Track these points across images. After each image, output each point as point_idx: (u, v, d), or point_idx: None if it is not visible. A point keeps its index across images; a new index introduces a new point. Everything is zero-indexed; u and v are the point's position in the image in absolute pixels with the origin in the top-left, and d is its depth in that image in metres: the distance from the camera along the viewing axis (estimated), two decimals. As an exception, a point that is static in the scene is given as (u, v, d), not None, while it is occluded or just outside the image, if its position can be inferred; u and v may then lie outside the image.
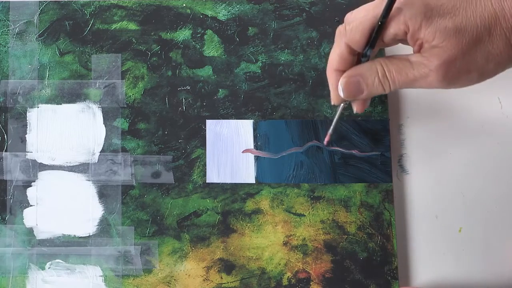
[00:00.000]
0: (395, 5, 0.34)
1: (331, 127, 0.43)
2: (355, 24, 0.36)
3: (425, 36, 0.34)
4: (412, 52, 0.36)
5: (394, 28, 0.34)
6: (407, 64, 0.35)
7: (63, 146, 0.46)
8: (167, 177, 0.45)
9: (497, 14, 0.33)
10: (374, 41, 0.36)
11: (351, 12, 0.38)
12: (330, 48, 0.46)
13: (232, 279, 0.43)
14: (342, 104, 0.41)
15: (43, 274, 0.44)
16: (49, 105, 0.46)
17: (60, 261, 0.44)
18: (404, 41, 0.36)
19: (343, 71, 0.38)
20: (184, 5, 0.47)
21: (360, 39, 0.36)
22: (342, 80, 0.37)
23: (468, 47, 0.33)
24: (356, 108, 0.40)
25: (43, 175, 0.45)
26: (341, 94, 0.38)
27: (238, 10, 0.47)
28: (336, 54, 0.38)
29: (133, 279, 0.43)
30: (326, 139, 0.44)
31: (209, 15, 0.47)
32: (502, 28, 0.33)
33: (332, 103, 0.41)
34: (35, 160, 0.45)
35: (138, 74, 0.46)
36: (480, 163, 0.45)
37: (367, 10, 0.36)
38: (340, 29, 0.37)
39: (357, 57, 0.38)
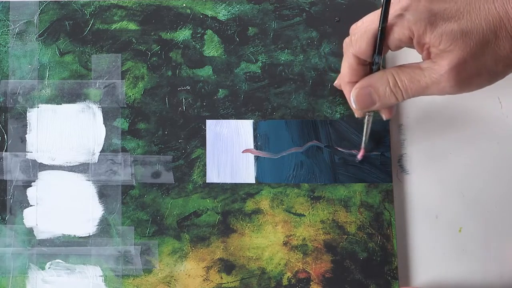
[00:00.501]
0: (398, 12, 0.34)
1: (363, 141, 0.43)
2: (359, 34, 0.36)
3: (431, 40, 0.33)
4: (420, 60, 0.36)
5: (398, 33, 0.34)
6: (418, 72, 0.35)
7: (63, 146, 0.46)
8: (167, 177, 0.45)
9: (501, 17, 0.33)
10: (380, 48, 0.35)
11: (355, 23, 0.38)
12: (330, 48, 0.46)
13: (232, 279, 0.43)
14: (367, 116, 0.41)
15: (43, 274, 0.44)
16: (49, 105, 0.46)
17: (60, 261, 0.44)
18: (411, 46, 0.36)
19: (356, 83, 0.37)
20: (184, 5, 0.47)
21: (366, 48, 0.36)
22: (353, 92, 0.37)
23: (476, 50, 0.33)
24: (384, 116, 0.40)
25: (43, 175, 0.45)
26: (354, 106, 0.38)
27: (238, 10, 0.47)
28: (346, 67, 0.37)
29: (133, 279, 0.43)
30: (360, 154, 0.44)
31: (209, 15, 0.47)
32: (508, 31, 0.33)
33: (356, 116, 0.41)
34: (35, 160, 0.45)
35: (138, 74, 0.46)
36: (480, 163, 0.45)
37: (371, 19, 0.36)
38: (346, 41, 0.37)
39: (369, 67, 0.37)
